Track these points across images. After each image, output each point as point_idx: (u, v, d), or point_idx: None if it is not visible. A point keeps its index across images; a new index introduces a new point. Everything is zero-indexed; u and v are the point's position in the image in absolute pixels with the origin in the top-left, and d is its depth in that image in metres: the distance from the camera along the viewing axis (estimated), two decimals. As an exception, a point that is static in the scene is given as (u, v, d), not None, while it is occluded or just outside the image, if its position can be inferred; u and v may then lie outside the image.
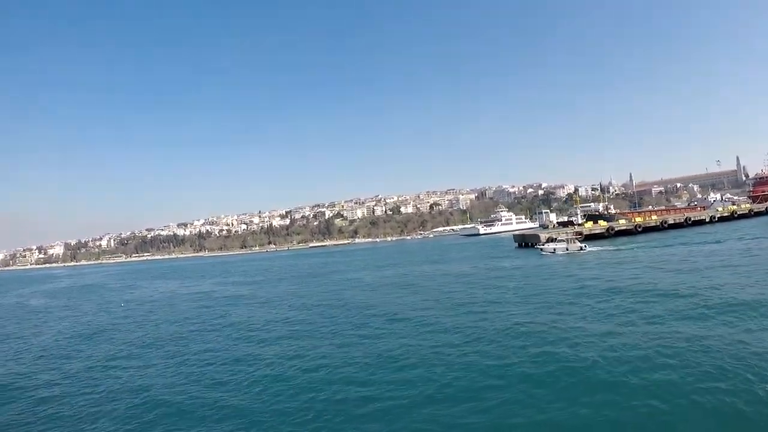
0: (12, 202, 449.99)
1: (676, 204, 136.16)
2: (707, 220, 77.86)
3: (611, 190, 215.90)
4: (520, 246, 68.95)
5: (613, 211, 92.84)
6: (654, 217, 77.91)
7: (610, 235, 67.81)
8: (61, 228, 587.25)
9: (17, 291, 77.14)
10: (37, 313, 41.80)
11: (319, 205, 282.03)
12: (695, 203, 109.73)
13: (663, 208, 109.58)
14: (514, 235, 77.99)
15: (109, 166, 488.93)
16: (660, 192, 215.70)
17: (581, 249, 50.38)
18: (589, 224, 70.93)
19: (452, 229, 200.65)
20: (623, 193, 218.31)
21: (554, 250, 51.30)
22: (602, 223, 71.00)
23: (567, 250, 50.71)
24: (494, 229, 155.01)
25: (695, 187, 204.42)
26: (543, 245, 56.21)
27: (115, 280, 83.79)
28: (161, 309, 36.67)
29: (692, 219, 76.72)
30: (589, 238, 65.33)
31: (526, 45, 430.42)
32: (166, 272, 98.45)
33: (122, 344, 23.35)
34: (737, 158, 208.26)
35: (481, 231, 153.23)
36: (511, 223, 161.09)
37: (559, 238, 57.04)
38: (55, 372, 18.99)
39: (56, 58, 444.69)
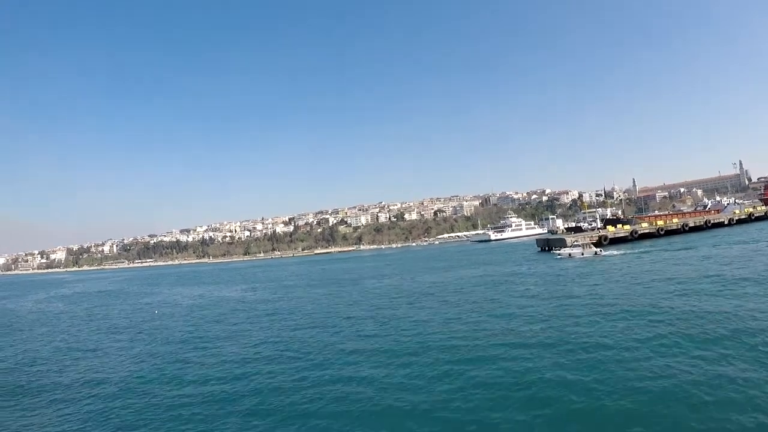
0: (14, 207, 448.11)
1: (681, 209, 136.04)
2: (726, 222, 79.06)
3: (615, 195, 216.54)
4: (542, 250, 69.15)
5: (629, 216, 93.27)
6: (675, 220, 78.46)
7: (633, 238, 68.17)
8: (63, 233, 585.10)
9: (31, 296, 76.06)
10: (66, 320, 40.76)
11: (322, 212, 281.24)
12: (707, 207, 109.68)
13: (674, 212, 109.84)
14: (536, 240, 78.10)
15: (111, 171, 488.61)
16: (664, 197, 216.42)
17: (596, 254, 51.28)
18: (611, 228, 71.13)
19: (457, 236, 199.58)
20: (627, 198, 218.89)
21: (570, 254, 52.14)
22: (626, 226, 71.31)
23: (583, 254, 51.61)
24: (505, 235, 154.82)
25: (699, 192, 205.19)
26: (561, 249, 57.27)
27: (131, 286, 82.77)
28: (213, 315, 35.92)
29: (712, 222, 77.68)
30: (613, 241, 65.79)
31: (526, 50, 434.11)
32: (180, 278, 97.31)
33: (246, 346, 22.56)
34: (740, 162, 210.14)
35: (492, 237, 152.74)
36: (521, 229, 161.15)
37: (582, 242, 58.47)
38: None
39: (60, 60, 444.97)
